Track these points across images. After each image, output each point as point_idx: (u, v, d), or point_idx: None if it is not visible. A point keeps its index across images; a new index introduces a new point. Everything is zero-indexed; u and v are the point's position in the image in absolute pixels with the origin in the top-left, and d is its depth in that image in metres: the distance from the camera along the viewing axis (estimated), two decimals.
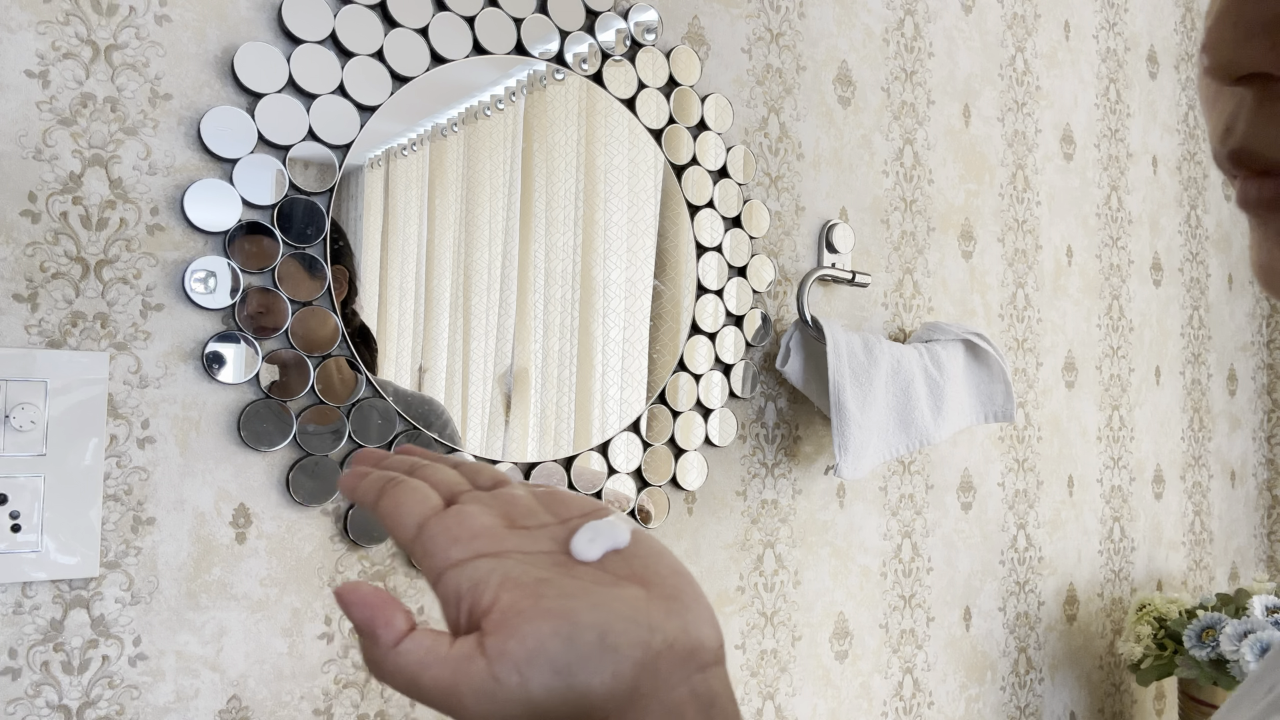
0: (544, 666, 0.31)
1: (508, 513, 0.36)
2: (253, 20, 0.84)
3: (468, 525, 0.35)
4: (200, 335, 0.80)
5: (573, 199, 1.01)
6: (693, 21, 1.14)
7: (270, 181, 0.83)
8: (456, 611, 0.34)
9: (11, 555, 0.71)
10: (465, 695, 0.31)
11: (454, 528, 0.35)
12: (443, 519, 0.35)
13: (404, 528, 0.36)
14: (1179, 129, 1.91)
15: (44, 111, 0.74)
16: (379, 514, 0.37)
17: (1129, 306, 1.75)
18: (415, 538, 0.35)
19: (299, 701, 0.85)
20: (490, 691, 0.31)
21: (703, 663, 0.33)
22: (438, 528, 0.35)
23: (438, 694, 0.32)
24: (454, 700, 0.31)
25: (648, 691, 0.32)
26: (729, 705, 0.34)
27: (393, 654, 0.32)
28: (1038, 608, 1.54)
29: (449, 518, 0.35)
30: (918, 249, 1.38)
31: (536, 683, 0.31)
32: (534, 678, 0.31)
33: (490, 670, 0.31)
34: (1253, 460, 2.06)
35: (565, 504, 0.38)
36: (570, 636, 0.32)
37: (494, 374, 0.96)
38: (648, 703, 0.32)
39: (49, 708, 0.73)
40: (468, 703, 0.31)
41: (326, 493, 0.86)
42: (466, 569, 0.34)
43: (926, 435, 1.23)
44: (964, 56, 1.47)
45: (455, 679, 0.31)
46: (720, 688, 0.34)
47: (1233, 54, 0.26)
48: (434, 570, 0.35)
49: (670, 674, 0.32)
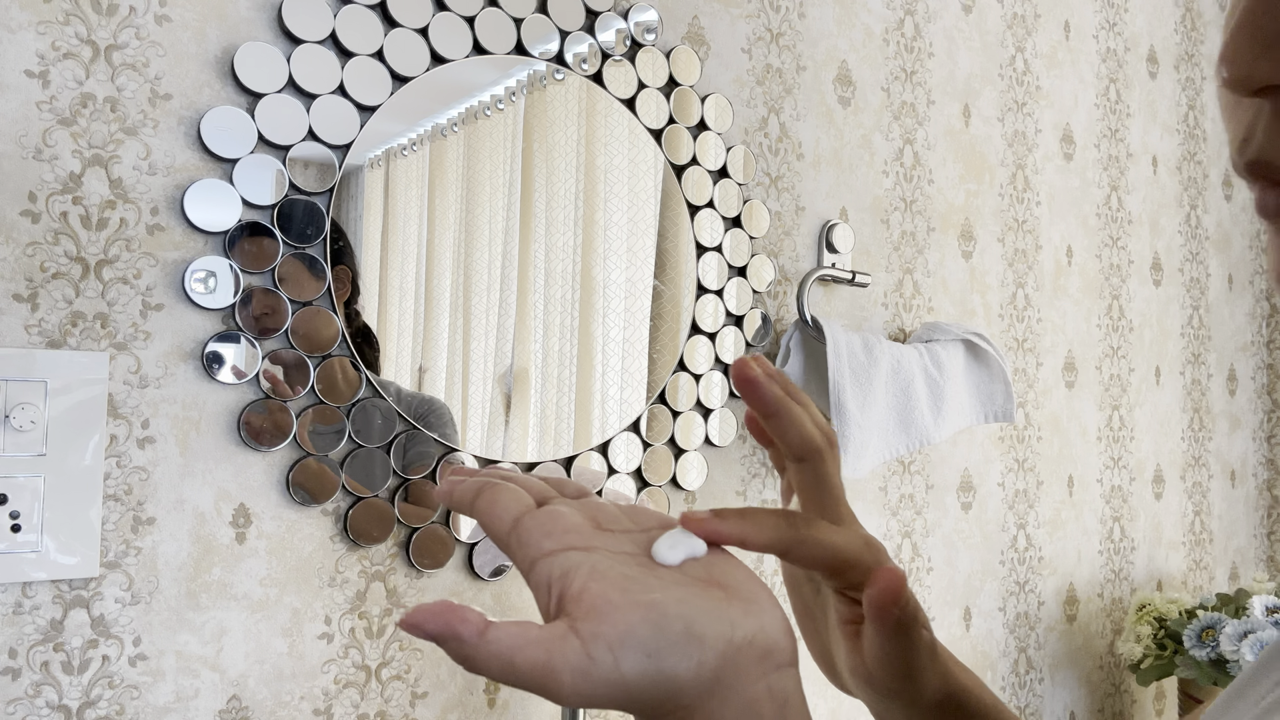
0: (635, 649, 0.33)
1: (594, 516, 0.39)
2: (253, 20, 0.84)
3: (559, 522, 0.37)
4: (200, 335, 0.80)
5: (573, 199, 1.01)
6: (693, 21, 1.14)
7: (270, 181, 0.83)
8: (547, 597, 0.35)
9: (11, 555, 0.71)
10: (562, 673, 0.33)
11: (546, 523, 0.37)
12: (536, 515, 0.38)
13: (501, 521, 0.38)
14: (1179, 129, 1.91)
15: (44, 111, 0.74)
16: (476, 511, 0.39)
17: (1129, 306, 1.75)
18: (511, 530, 0.37)
19: (299, 701, 0.85)
20: (585, 669, 0.33)
21: (778, 662, 0.35)
22: (532, 522, 0.37)
23: (534, 674, 0.33)
24: (550, 679, 0.33)
25: (728, 683, 0.34)
26: (801, 706, 0.36)
27: (482, 643, 0.33)
28: (1038, 608, 1.54)
29: (542, 514, 0.38)
30: (918, 249, 1.38)
31: (628, 663, 0.33)
32: (626, 658, 0.33)
33: (585, 649, 0.33)
34: (1253, 460, 2.06)
35: (644, 514, 0.41)
36: (659, 624, 0.33)
37: (494, 374, 0.96)
38: (727, 694, 0.34)
39: (49, 708, 0.73)
40: (564, 679, 0.33)
41: (326, 492, 0.86)
42: (558, 559, 0.36)
43: (926, 435, 1.23)
44: (964, 56, 1.47)
45: (550, 658, 0.33)
46: (793, 688, 0.36)
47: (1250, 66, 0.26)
48: (527, 560, 0.37)
49: (749, 669, 0.34)
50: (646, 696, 0.33)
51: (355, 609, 0.88)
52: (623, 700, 0.33)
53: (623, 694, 0.33)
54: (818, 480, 0.44)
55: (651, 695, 0.33)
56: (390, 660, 0.90)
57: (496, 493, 0.39)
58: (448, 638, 0.33)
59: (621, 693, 0.33)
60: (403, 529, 0.91)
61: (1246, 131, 0.28)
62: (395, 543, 0.91)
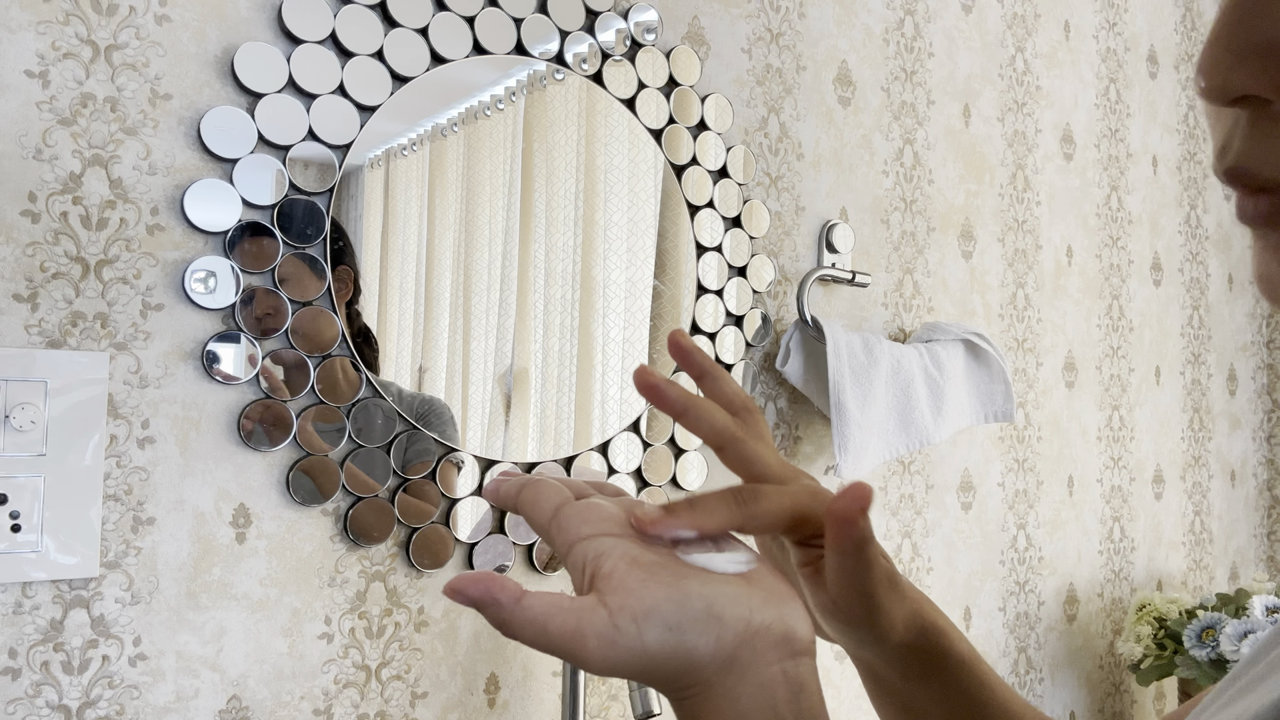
0: (658, 621, 0.36)
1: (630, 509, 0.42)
2: (253, 20, 0.84)
3: (596, 511, 0.40)
4: (200, 335, 0.80)
5: (573, 199, 1.01)
6: (693, 21, 1.14)
7: (270, 181, 0.83)
8: (581, 577, 0.38)
9: (11, 555, 0.71)
10: (589, 639, 0.35)
11: (585, 511, 0.40)
12: (575, 505, 0.40)
13: (542, 511, 0.41)
14: (1179, 129, 1.91)
15: (44, 111, 0.74)
16: (520, 504, 0.42)
17: (1129, 306, 1.75)
18: (552, 518, 0.40)
19: (299, 701, 0.85)
20: (611, 638, 0.35)
21: (795, 650, 0.37)
22: (571, 510, 0.40)
23: (564, 639, 0.36)
24: (579, 643, 0.35)
25: (745, 663, 0.36)
26: (816, 694, 0.38)
27: (519, 609, 0.36)
28: (1038, 608, 1.54)
29: (581, 505, 0.40)
30: (918, 249, 1.38)
31: (651, 635, 0.35)
32: (649, 630, 0.35)
33: (611, 619, 0.36)
34: (1253, 460, 2.06)
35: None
36: (681, 602, 0.36)
37: (494, 374, 0.96)
38: (744, 672, 0.36)
39: (49, 708, 0.73)
40: (591, 645, 0.35)
41: (326, 492, 0.86)
42: (593, 543, 0.38)
43: (926, 435, 1.23)
44: (964, 56, 1.47)
45: (580, 624, 0.35)
46: (809, 676, 0.38)
47: (1225, 77, 0.27)
48: (566, 544, 0.39)
49: (766, 652, 0.37)
50: (667, 668, 0.36)
51: (355, 609, 0.88)
52: (644, 669, 0.36)
53: (645, 663, 0.36)
54: (744, 457, 0.45)
55: (671, 667, 0.36)
56: (390, 660, 0.90)
57: (539, 487, 0.42)
58: (487, 603, 0.36)
59: (644, 662, 0.36)
60: (403, 529, 0.91)
61: (1224, 139, 0.29)
62: (395, 543, 0.91)
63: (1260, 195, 0.29)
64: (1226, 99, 0.27)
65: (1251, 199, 0.29)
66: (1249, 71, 0.27)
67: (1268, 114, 0.27)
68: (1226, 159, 0.29)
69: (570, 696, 0.95)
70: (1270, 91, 0.27)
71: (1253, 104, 0.27)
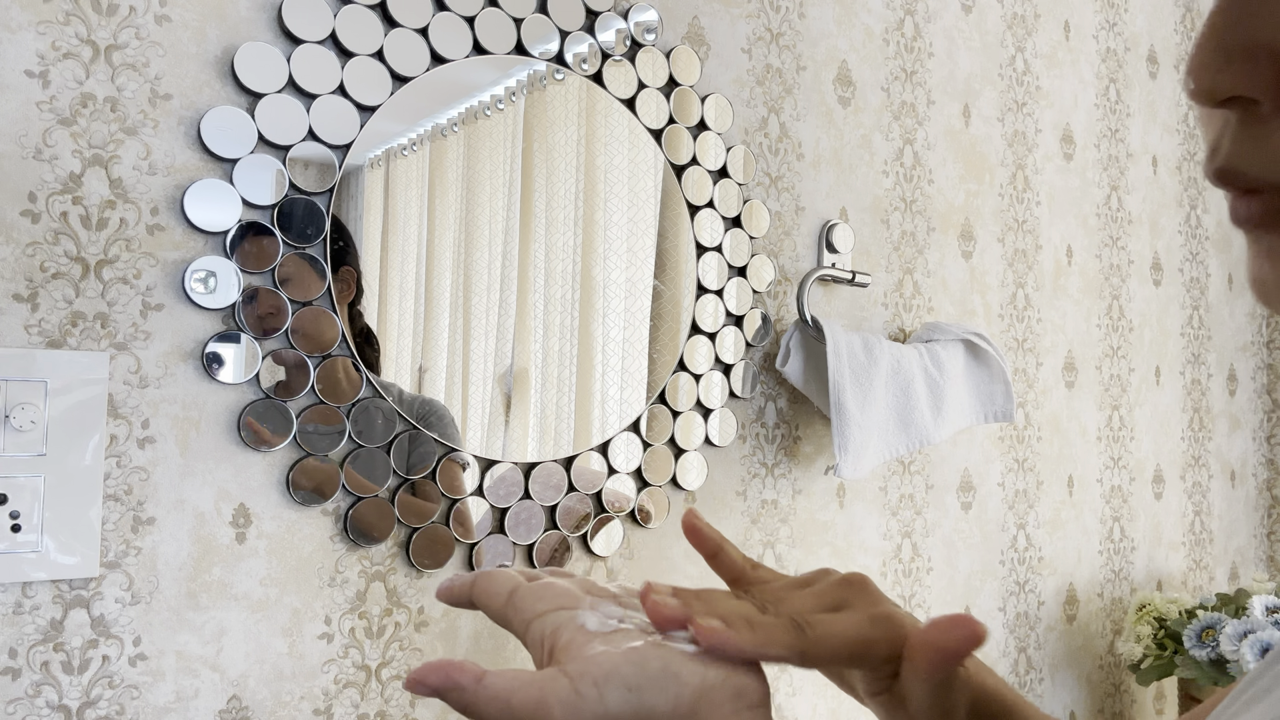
0: (618, 683, 0.36)
1: (585, 586, 0.43)
2: (253, 20, 0.84)
3: (550, 589, 0.41)
4: (200, 335, 0.80)
5: (573, 199, 1.01)
6: (693, 21, 1.14)
7: (270, 181, 0.83)
8: (541, 652, 0.40)
9: (11, 555, 0.71)
10: (554, 707, 0.36)
11: (539, 590, 0.41)
12: (530, 586, 0.42)
13: (497, 596, 0.42)
14: (1179, 129, 1.91)
15: (44, 111, 0.74)
16: (475, 595, 0.44)
17: (1129, 306, 1.75)
18: (507, 602, 0.42)
19: (299, 701, 0.85)
20: (574, 704, 0.36)
21: (749, 702, 0.38)
22: (525, 590, 0.42)
23: (528, 711, 0.36)
24: (544, 712, 0.36)
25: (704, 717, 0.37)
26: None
27: (481, 688, 0.37)
28: (1038, 608, 1.54)
29: (535, 585, 0.42)
30: (918, 249, 1.38)
31: (612, 697, 0.36)
32: (610, 692, 0.36)
33: (573, 686, 0.36)
34: (1253, 460, 2.06)
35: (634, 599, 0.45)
36: (639, 663, 0.37)
37: (494, 374, 0.96)
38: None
39: (49, 708, 0.73)
40: (556, 713, 0.36)
41: (326, 493, 0.86)
42: (550, 617, 0.40)
43: (926, 435, 1.23)
44: (964, 56, 1.47)
45: (543, 694, 0.36)
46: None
47: (1214, 79, 0.27)
48: (523, 623, 0.41)
49: (722, 705, 0.38)
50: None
51: (355, 609, 0.88)
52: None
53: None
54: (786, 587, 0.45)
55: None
56: (390, 660, 0.90)
57: (491, 576, 0.44)
58: (449, 688, 0.36)
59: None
60: (403, 529, 0.91)
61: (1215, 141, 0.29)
62: (395, 543, 0.91)
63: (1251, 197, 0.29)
64: (1215, 100, 0.28)
65: (1243, 201, 0.29)
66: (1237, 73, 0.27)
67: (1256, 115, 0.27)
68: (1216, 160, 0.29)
69: None
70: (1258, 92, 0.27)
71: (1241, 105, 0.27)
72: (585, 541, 1.03)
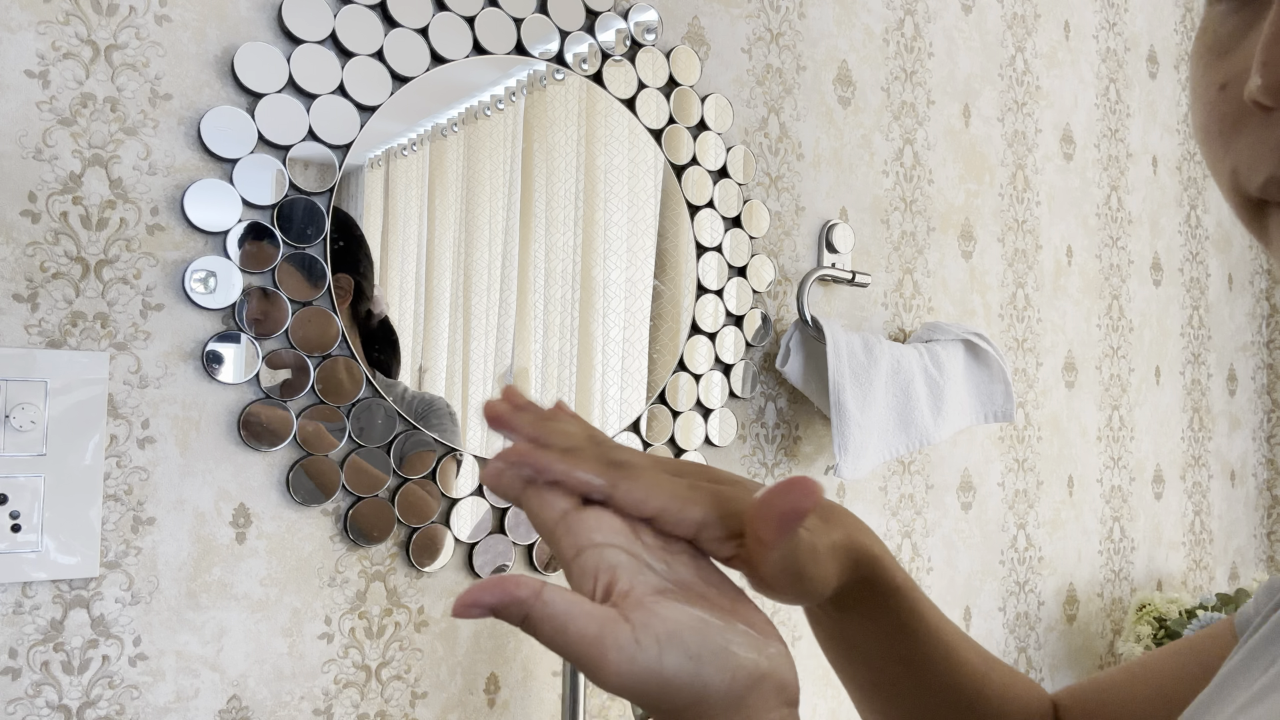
0: (679, 649, 0.35)
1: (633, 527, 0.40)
2: (253, 20, 0.84)
3: (606, 521, 0.39)
4: (200, 335, 0.80)
5: (573, 199, 1.01)
6: (693, 21, 1.14)
7: (270, 181, 0.83)
8: (593, 585, 0.37)
9: (11, 555, 0.71)
10: (609, 650, 0.34)
11: (593, 520, 0.39)
12: (584, 512, 0.39)
13: (551, 508, 0.39)
14: (1179, 129, 1.91)
15: (44, 111, 0.74)
16: (525, 500, 0.40)
17: (1129, 306, 1.75)
18: (561, 519, 0.39)
19: (299, 701, 0.85)
20: (632, 655, 0.34)
21: (788, 699, 0.37)
22: (579, 516, 0.39)
23: (583, 644, 0.34)
24: (597, 651, 0.34)
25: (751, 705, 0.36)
26: None
27: (539, 603, 0.34)
28: (1038, 608, 1.54)
29: (589, 513, 0.39)
30: (918, 249, 1.38)
31: (670, 659, 0.34)
32: (670, 655, 0.34)
33: (634, 634, 0.34)
34: (1253, 460, 2.06)
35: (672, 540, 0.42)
36: (703, 633, 0.35)
37: (494, 374, 0.96)
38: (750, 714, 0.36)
39: (49, 708, 0.73)
40: (610, 657, 0.34)
41: (326, 492, 0.86)
42: (605, 552, 0.37)
43: (926, 435, 1.23)
44: (964, 56, 1.47)
45: (602, 633, 0.34)
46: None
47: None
48: (575, 547, 0.38)
49: (768, 697, 0.36)
50: (678, 697, 0.35)
51: (355, 609, 0.88)
52: (655, 694, 0.35)
53: (657, 688, 0.35)
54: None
55: (682, 698, 0.35)
56: (390, 660, 0.90)
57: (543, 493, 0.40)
58: (508, 603, 0.34)
59: (657, 687, 0.35)
60: (403, 529, 0.91)
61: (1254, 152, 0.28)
62: (395, 543, 0.91)
63: None
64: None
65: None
66: None
67: None
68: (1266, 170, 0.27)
69: (570, 696, 0.95)
70: None
71: None
72: None
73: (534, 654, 0.99)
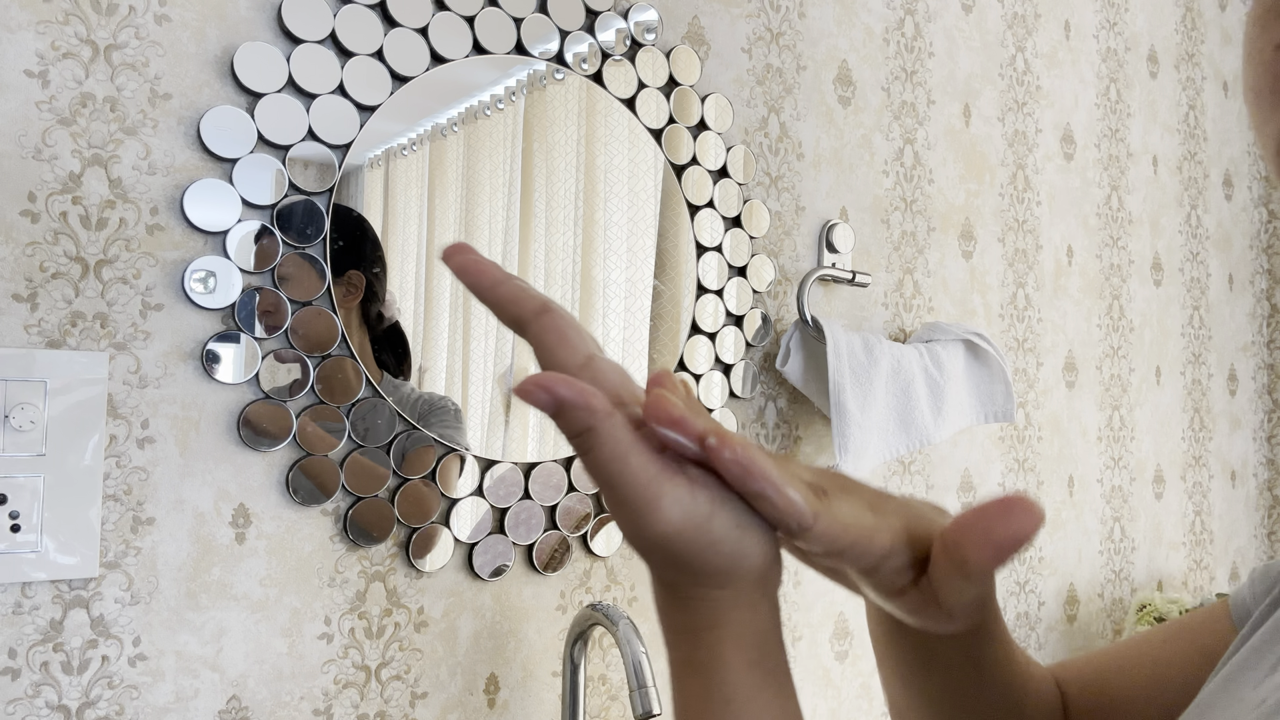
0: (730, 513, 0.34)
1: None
2: (253, 20, 0.84)
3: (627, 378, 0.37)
4: (200, 335, 0.80)
5: (573, 199, 1.01)
6: (693, 21, 1.14)
7: (270, 181, 0.83)
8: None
9: (11, 555, 0.71)
10: (665, 495, 0.32)
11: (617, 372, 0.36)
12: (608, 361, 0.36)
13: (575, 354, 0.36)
14: (1179, 129, 1.91)
15: (44, 111, 0.74)
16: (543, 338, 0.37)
17: (1129, 306, 1.75)
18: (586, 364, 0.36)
19: (299, 702, 0.85)
20: (686, 507, 0.33)
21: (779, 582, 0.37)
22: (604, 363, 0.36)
23: (638, 483, 0.32)
24: (651, 493, 0.32)
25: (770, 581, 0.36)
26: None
27: (609, 422, 0.32)
28: (1038, 608, 1.54)
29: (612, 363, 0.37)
30: (918, 249, 1.38)
31: (720, 523, 0.33)
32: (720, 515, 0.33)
33: (690, 488, 0.33)
34: (1253, 460, 2.06)
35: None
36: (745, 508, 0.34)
37: (494, 374, 0.96)
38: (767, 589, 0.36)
39: (49, 708, 0.73)
40: (664, 502, 0.32)
41: (326, 493, 0.86)
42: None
43: (926, 435, 1.23)
44: (964, 56, 1.47)
45: (660, 477, 0.33)
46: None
47: None
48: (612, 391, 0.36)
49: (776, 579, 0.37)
50: (715, 559, 0.34)
51: (355, 609, 0.88)
52: (694, 552, 0.33)
53: (701, 547, 0.33)
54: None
55: (720, 561, 0.34)
56: (390, 660, 0.90)
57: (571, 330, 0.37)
58: (579, 406, 0.32)
59: (701, 545, 0.33)
60: (403, 529, 0.91)
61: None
62: (395, 543, 0.91)
63: None
64: None
65: None
66: None
67: None
68: None
69: (570, 696, 0.95)
70: None
71: None
72: (585, 542, 1.02)
73: (534, 654, 0.99)
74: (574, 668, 0.95)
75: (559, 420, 0.32)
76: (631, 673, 0.86)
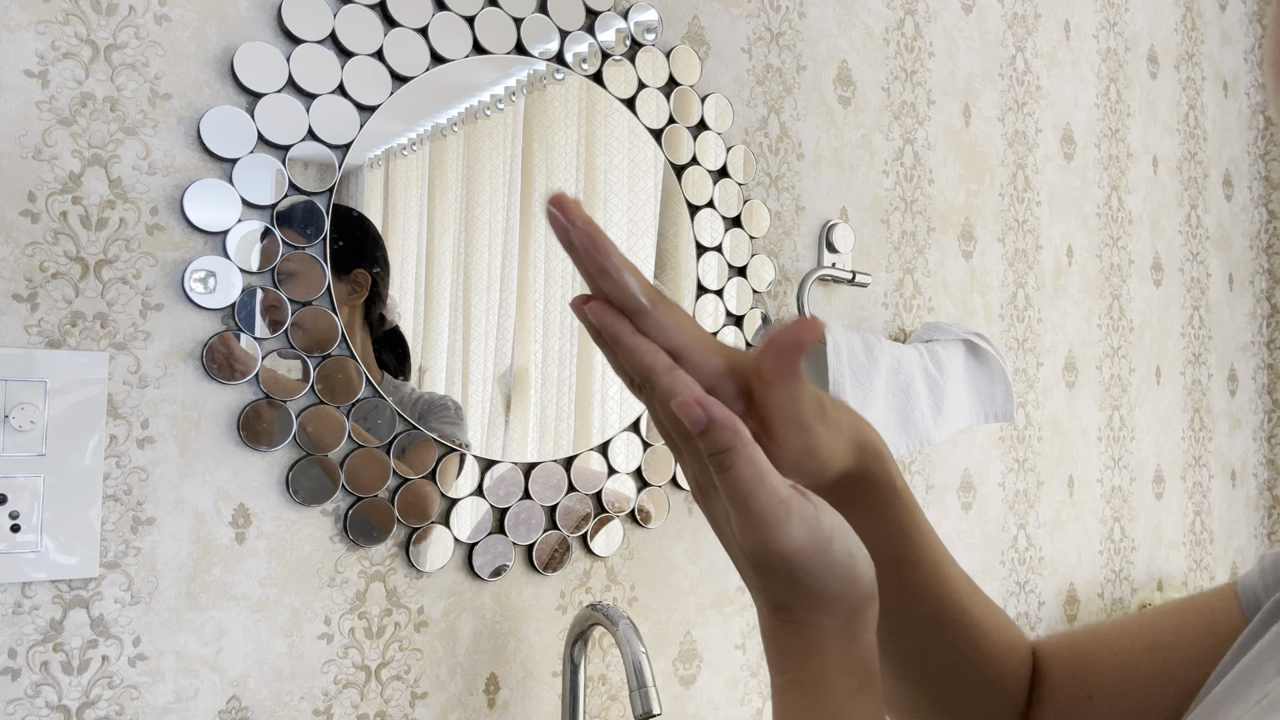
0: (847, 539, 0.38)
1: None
2: (253, 20, 0.84)
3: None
4: (200, 335, 0.80)
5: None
6: (693, 21, 1.14)
7: (270, 181, 0.83)
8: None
9: (11, 555, 0.71)
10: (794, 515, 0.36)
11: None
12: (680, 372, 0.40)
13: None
14: (1179, 129, 1.91)
15: (44, 111, 0.74)
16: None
17: (1129, 306, 1.75)
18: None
19: (299, 701, 0.85)
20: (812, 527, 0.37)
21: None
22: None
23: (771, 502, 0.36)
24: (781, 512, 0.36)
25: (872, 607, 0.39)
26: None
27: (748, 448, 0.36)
28: (1038, 608, 1.54)
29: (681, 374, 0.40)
30: (918, 249, 1.38)
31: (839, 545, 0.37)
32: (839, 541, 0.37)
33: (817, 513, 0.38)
34: (1253, 460, 2.06)
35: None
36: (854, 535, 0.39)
37: (494, 374, 0.96)
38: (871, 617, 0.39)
39: (49, 708, 0.73)
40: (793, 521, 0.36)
41: (326, 492, 0.86)
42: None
43: (927, 435, 1.23)
44: (964, 56, 1.47)
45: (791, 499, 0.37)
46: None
47: None
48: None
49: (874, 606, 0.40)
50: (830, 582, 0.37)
51: (355, 609, 0.88)
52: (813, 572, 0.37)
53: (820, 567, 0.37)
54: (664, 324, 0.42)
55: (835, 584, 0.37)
56: (390, 660, 0.90)
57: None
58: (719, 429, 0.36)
59: (820, 565, 0.37)
60: (402, 529, 0.91)
61: None
62: (395, 543, 0.91)
63: None
64: None
65: None
66: None
67: None
68: None
69: (570, 696, 0.95)
70: None
71: None
72: (585, 542, 1.02)
73: (534, 654, 0.99)
74: (574, 668, 0.95)
75: (704, 437, 0.36)
76: (631, 673, 0.86)
